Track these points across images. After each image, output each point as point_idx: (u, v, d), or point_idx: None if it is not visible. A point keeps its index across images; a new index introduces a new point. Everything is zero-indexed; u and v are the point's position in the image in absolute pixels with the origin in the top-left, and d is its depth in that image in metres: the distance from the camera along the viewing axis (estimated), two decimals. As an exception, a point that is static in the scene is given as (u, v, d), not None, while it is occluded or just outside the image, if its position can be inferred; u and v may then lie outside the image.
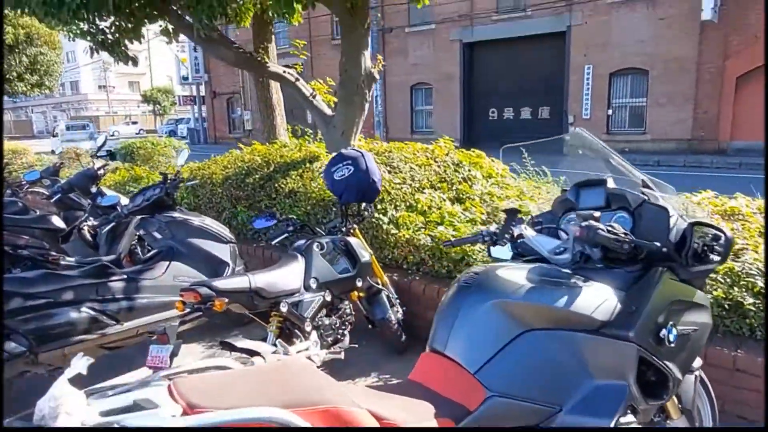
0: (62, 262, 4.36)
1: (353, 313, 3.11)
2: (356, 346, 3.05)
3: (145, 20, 4.32)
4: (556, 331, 1.52)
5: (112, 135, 43.33)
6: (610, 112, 17.57)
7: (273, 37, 6.25)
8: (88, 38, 4.64)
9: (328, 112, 5.16)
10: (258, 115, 23.80)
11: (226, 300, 2.32)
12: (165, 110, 48.82)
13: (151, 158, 7.18)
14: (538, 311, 1.52)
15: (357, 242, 3.09)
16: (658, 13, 15.90)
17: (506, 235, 1.85)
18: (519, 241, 1.84)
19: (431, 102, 21.87)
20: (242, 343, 2.44)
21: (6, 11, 14.21)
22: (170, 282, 3.38)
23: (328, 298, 2.82)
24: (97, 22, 4.09)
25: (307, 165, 4.76)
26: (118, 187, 6.30)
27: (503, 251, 2.13)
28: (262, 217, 3.13)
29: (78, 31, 4.91)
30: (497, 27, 19.51)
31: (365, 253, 3.09)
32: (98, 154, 5.65)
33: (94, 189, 4.75)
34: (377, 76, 4.93)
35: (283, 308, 2.56)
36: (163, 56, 53.49)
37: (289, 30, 23.77)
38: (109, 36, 4.52)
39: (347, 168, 3.06)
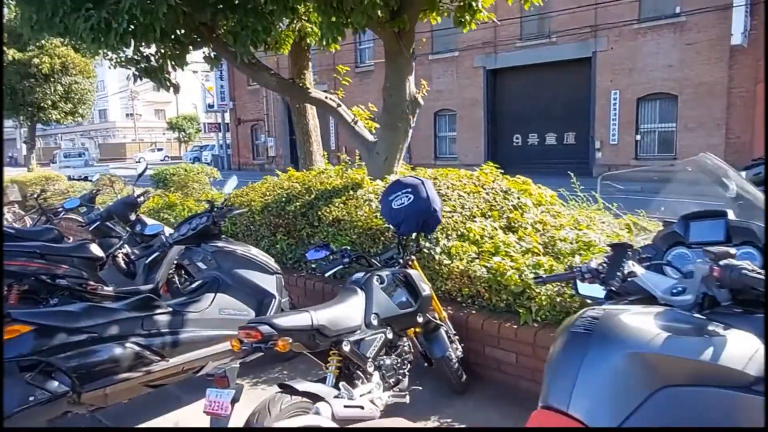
0: (100, 292, 4.26)
1: (412, 350, 2.90)
2: (419, 388, 2.83)
3: (190, 47, 4.29)
4: (700, 389, 1.30)
5: (138, 161, 44.26)
6: (638, 137, 17.29)
7: (309, 63, 6.21)
8: (132, 65, 4.64)
9: (370, 138, 5.04)
10: (281, 141, 23.98)
11: (290, 340, 2.14)
12: (190, 137, 49.77)
13: (186, 185, 7.13)
14: (680, 365, 1.31)
15: (417, 275, 2.90)
16: (685, 38, 15.73)
17: (617, 274, 1.64)
18: (629, 279, 1.64)
19: (455, 128, 21.86)
20: (303, 386, 2.25)
21: (43, 41, 14.73)
22: (216, 315, 3.22)
23: (390, 336, 2.62)
24: (141, 48, 4.06)
25: (350, 192, 4.61)
26: (152, 213, 6.24)
27: (594, 289, 1.93)
28: (316, 247, 2.96)
29: (121, 59, 4.93)
30: (521, 53, 19.53)
31: (426, 287, 2.89)
32: (137, 182, 5.59)
33: (133, 217, 4.66)
34: (422, 102, 4.81)
35: (346, 347, 2.37)
36: (188, 85, 54.79)
37: (314, 58, 24.11)
38: (153, 63, 4.50)
39: (406, 196, 2.90)
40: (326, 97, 5.00)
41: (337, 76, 5.50)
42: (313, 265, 3.66)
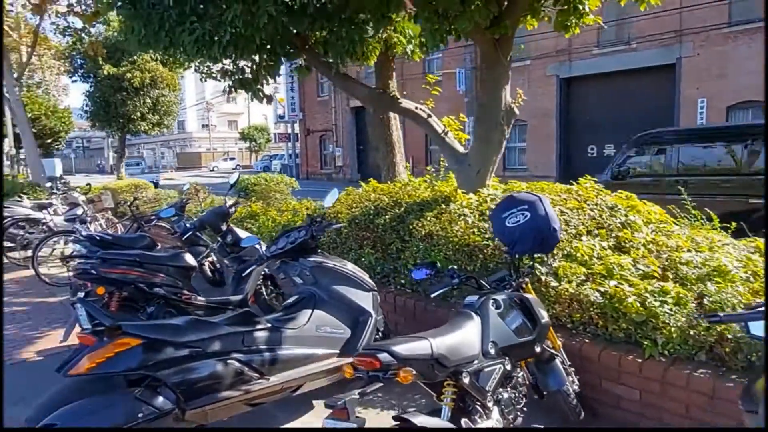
0: (194, 302, 4.30)
1: (526, 382, 2.65)
2: (541, 427, 2.58)
3: (285, 58, 4.29)
4: None
5: (212, 170, 46.31)
6: (730, 148, 15.98)
7: (394, 74, 6.11)
8: (227, 78, 4.71)
9: (461, 149, 4.84)
10: (348, 151, 24.25)
11: (413, 371, 1.96)
12: (260, 147, 51.55)
13: (268, 195, 7.22)
14: None
15: (535, 300, 2.66)
16: (783, 41, 14.42)
17: None
18: None
19: (525, 138, 21.21)
20: (421, 420, 2.07)
21: (135, 57, 15.68)
22: (313, 332, 3.11)
23: (508, 367, 2.39)
24: (237, 60, 4.09)
25: (442, 206, 4.42)
26: (235, 223, 6.31)
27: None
28: (422, 267, 2.78)
29: (212, 72, 5.03)
30: (597, 61, 18.69)
31: (544, 313, 2.64)
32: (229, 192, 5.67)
33: (224, 227, 4.70)
34: (517, 112, 4.56)
35: (465, 379, 2.16)
36: (259, 97, 56.85)
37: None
38: (248, 74, 4.55)
39: (522, 214, 2.67)
40: (416, 108, 4.85)
41: (427, 86, 5.35)
42: (415, 285, 3.48)
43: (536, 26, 4.85)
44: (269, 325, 2.98)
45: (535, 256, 2.94)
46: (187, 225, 5.32)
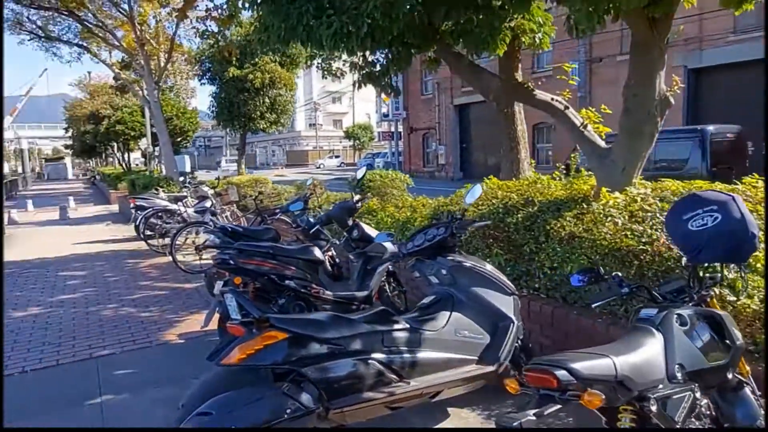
0: (322, 296, 4.32)
1: (711, 413, 2.25)
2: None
3: (416, 49, 4.17)
4: None
5: (318, 167, 48.19)
6: None
7: (520, 66, 5.76)
8: (354, 72, 4.69)
9: (602, 144, 4.40)
10: (451, 149, 23.90)
11: (602, 396, 1.69)
12: (364, 145, 52.76)
13: (385, 192, 7.19)
14: None
15: (728, 317, 2.26)
16: None
17: None
18: None
19: (649, 134, 19.48)
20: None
21: (256, 59, 16.65)
22: (452, 336, 2.93)
23: (698, 395, 2.03)
24: (371, 53, 4.02)
25: (583, 205, 4.04)
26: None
27: None
28: (582, 273, 2.48)
29: (332, 69, 5.06)
30: (733, 49, 16.58)
31: (739, 333, 2.23)
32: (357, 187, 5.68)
33: (350, 222, 4.68)
34: (672, 102, 4.04)
35: (653, 407, 1.85)
36: (364, 96, 58.46)
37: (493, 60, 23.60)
38: (378, 67, 4.49)
39: (710, 215, 2.27)
40: (552, 99, 4.50)
41: (563, 76, 4.95)
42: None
43: (695, 4, 4.28)
44: (408, 325, 2.84)
45: (718, 265, 2.51)
46: (310, 219, 5.40)
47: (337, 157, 54.13)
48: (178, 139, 24.08)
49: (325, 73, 6.91)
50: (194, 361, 4.05)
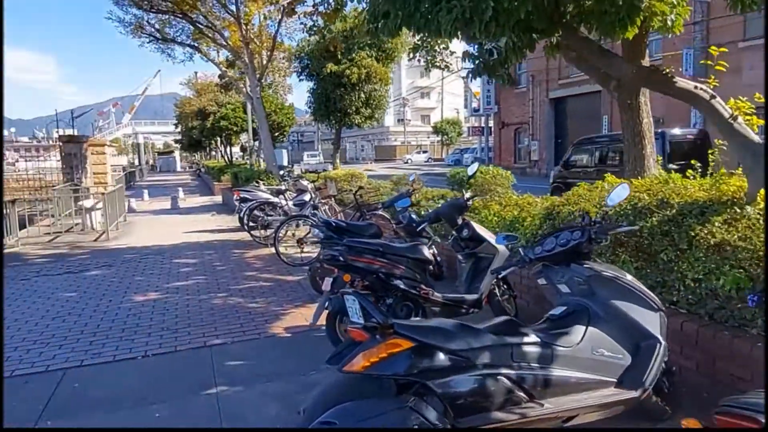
0: (431, 297, 4.13)
1: None
2: None
3: (540, 35, 3.83)
4: None
5: (406, 162, 48.25)
6: None
7: (647, 51, 5.19)
8: (466, 61, 4.45)
9: (756, 138, 3.81)
10: (545, 145, 22.83)
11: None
12: (452, 140, 52.06)
13: (489, 189, 6.87)
14: None
15: None
16: None
17: None
18: None
19: (774, 129, 17.30)
20: None
21: (354, 55, 16.83)
22: (587, 354, 2.61)
23: None
24: (496, 39, 3.73)
25: (735, 209, 3.51)
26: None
27: None
28: (760, 292, 2.08)
29: (435, 61, 4.81)
30: None
31: None
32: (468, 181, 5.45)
33: (460, 220, 4.45)
34: None
35: None
36: (452, 91, 57.67)
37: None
38: (495, 56, 4.20)
39: None
40: (696, 88, 3.96)
41: (707, 61, 4.36)
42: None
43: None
44: (538, 339, 2.57)
45: None
46: (412, 216, 5.23)
47: (424, 152, 53.90)
48: (276, 134, 25.09)
49: (429, 65, 6.70)
50: (301, 357, 4.05)
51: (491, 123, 33.57)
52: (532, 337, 2.57)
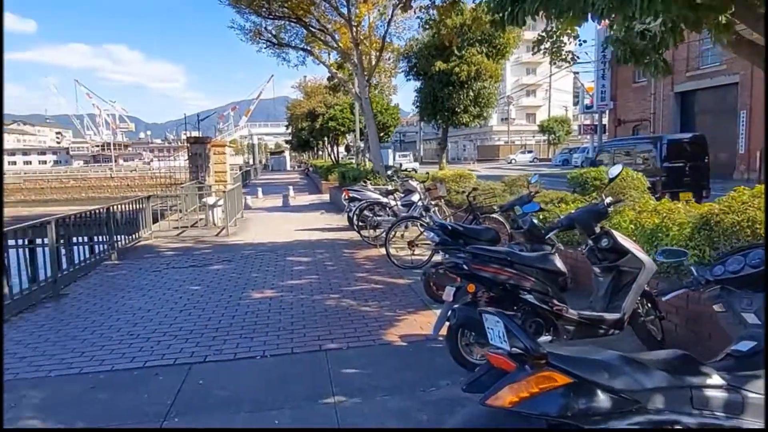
0: (565, 315, 3.70)
1: None
2: None
3: (709, 11, 3.25)
4: None
5: (510, 162, 46.63)
6: None
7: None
8: (611, 47, 3.94)
9: None
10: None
11: None
12: (559, 140, 49.45)
13: (621, 192, 6.19)
14: None
15: None
16: None
17: None
18: None
19: None
20: None
21: (463, 51, 16.44)
22: (789, 406, 2.09)
23: None
24: (656, 18, 3.21)
25: None
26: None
27: None
28: None
29: (564, 53, 4.32)
30: None
31: None
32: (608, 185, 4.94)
33: (598, 229, 3.96)
34: None
35: None
36: (560, 88, 54.80)
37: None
38: (647, 40, 3.66)
39: None
40: None
41: None
42: None
43: None
44: (723, 381, 2.09)
45: None
46: (534, 221, 4.79)
47: (530, 152, 51.74)
48: (381, 134, 25.36)
49: (554, 57, 6.18)
50: (419, 370, 3.82)
51: (605, 120, 31.27)
52: (716, 379, 2.09)
